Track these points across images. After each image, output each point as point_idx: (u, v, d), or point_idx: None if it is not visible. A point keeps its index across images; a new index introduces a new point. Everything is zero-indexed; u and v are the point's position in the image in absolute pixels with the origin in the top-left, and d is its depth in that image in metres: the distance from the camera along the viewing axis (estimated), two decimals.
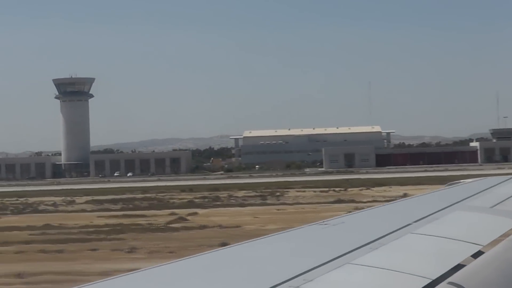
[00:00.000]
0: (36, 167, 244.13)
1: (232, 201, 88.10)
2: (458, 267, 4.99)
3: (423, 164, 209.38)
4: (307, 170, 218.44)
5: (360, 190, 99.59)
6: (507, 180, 11.04)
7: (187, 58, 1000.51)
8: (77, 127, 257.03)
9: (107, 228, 57.02)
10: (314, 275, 4.42)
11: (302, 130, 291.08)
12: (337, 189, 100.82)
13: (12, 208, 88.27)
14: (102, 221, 63.85)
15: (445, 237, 5.84)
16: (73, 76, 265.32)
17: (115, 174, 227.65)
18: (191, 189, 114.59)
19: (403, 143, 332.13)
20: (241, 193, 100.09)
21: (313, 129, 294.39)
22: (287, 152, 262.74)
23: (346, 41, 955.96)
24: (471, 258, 5.29)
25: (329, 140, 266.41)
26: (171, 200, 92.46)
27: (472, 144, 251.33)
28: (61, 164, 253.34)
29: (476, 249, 5.51)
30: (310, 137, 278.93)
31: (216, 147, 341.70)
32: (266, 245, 5.99)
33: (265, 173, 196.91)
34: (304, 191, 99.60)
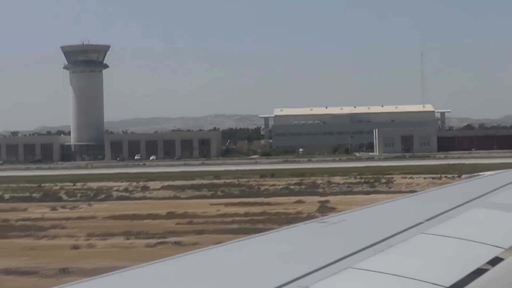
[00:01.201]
0: (42, 149, 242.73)
1: (336, 188, 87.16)
2: (476, 273, 4.90)
3: (497, 149, 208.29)
4: (357, 154, 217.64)
5: None
6: None
7: (179, 21, 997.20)
8: (90, 102, 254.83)
9: (247, 218, 56.09)
10: (309, 281, 4.31)
11: (341, 109, 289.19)
12: (448, 175, 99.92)
13: (80, 194, 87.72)
14: (227, 210, 63.01)
15: (461, 238, 5.81)
16: (85, 43, 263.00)
17: (136, 157, 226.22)
18: (272, 174, 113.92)
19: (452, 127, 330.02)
20: (335, 179, 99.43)
21: (354, 107, 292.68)
22: (326, 133, 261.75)
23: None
24: (490, 263, 5.23)
25: (374, 121, 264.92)
26: (263, 187, 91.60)
27: None
28: (70, 145, 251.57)
29: (496, 252, 5.46)
30: (352, 117, 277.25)
31: (209, 127, 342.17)
32: (258, 245, 5.99)
33: (318, 158, 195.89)
34: (412, 178, 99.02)
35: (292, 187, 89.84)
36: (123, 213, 62.14)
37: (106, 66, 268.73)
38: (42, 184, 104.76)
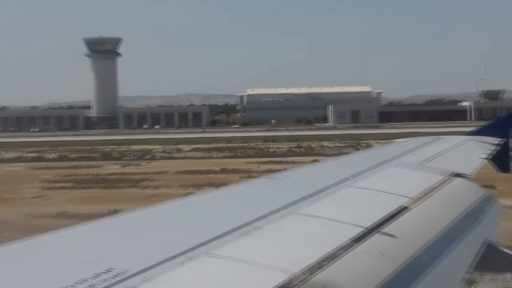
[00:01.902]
0: (70, 119, 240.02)
1: (330, 151, 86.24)
2: (390, 217, 4.97)
3: (426, 121, 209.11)
4: (316, 125, 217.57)
5: None
6: (435, 139, 11.14)
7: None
8: (106, 83, 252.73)
9: None
10: (262, 224, 4.21)
11: (299, 89, 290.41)
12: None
13: (131, 155, 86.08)
14: (265, 167, 61.83)
15: (378, 190, 5.84)
16: (102, 36, 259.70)
17: (144, 126, 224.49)
18: (272, 139, 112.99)
19: (392, 102, 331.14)
20: (325, 144, 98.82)
21: (309, 88, 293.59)
22: (289, 108, 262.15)
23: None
24: (401, 209, 5.30)
25: (325, 98, 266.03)
26: (271, 149, 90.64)
27: (463, 103, 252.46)
28: (91, 117, 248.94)
29: (405, 200, 5.54)
30: (309, 95, 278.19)
31: (183, 103, 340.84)
32: (211, 198, 5.75)
33: (288, 127, 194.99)
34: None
35: (294, 149, 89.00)
36: (186, 169, 60.74)
37: (119, 55, 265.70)
38: (93, 147, 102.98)
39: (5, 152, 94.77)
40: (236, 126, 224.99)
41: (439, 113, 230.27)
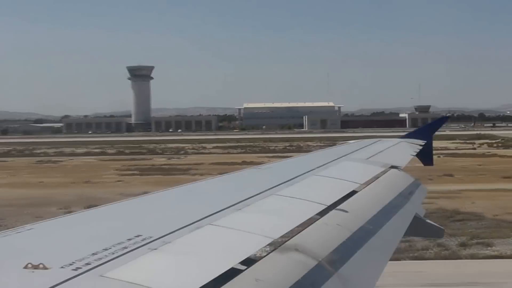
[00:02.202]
0: (116, 125, 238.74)
1: (313, 148, 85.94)
2: (344, 198, 4.96)
3: (375, 128, 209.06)
4: (295, 130, 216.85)
5: None
6: (377, 141, 11.09)
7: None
8: (142, 98, 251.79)
9: None
10: (251, 202, 4.13)
11: (281, 104, 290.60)
12: None
13: (169, 151, 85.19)
14: (274, 160, 61.50)
15: (336, 178, 5.83)
16: (140, 65, 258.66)
17: (169, 130, 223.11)
18: (270, 140, 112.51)
19: (347, 114, 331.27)
20: (311, 143, 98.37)
21: (289, 103, 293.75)
22: (274, 118, 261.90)
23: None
24: (352, 192, 5.32)
25: (300, 111, 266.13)
26: (271, 147, 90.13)
27: (402, 115, 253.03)
28: (131, 123, 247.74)
29: (355, 186, 5.56)
30: (289, 108, 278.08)
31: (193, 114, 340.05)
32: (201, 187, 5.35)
33: (277, 131, 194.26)
34: None
35: (288, 147, 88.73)
36: (216, 161, 60.23)
37: (152, 78, 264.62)
38: (139, 145, 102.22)
39: (76, 148, 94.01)
40: (236, 130, 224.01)
41: (384, 122, 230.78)
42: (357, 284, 3.46)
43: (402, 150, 10.15)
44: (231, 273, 2.77)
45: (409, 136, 11.82)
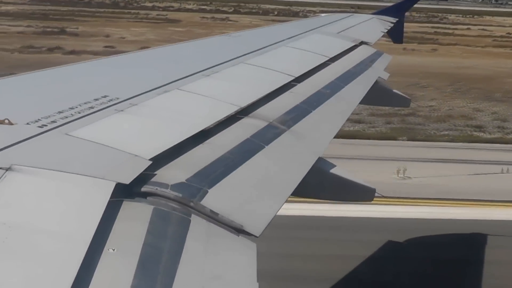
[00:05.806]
0: None
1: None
2: (315, 69, 5.11)
3: None
4: None
5: None
6: (349, 16, 11.11)
7: None
8: None
9: None
10: (219, 69, 4.12)
11: None
12: None
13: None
14: None
15: (306, 50, 5.86)
16: None
17: None
18: None
19: None
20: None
21: None
22: None
23: None
24: (323, 63, 5.45)
25: None
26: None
27: None
28: None
29: (326, 58, 5.63)
30: None
31: None
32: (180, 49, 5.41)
33: None
34: None
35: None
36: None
37: None
38: None
39: None
40: None
41: None
42: (310, 139, 3.51)
43: (373, 26, 10.16)
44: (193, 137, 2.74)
45: (381, 12, 11.74)
